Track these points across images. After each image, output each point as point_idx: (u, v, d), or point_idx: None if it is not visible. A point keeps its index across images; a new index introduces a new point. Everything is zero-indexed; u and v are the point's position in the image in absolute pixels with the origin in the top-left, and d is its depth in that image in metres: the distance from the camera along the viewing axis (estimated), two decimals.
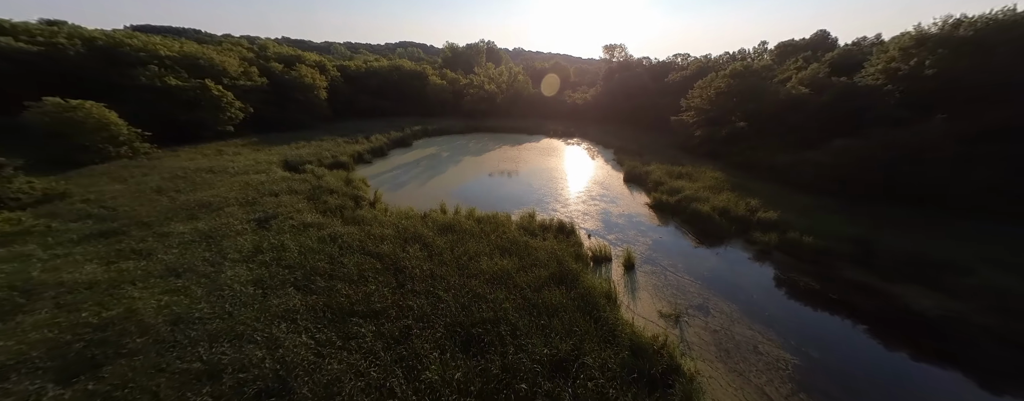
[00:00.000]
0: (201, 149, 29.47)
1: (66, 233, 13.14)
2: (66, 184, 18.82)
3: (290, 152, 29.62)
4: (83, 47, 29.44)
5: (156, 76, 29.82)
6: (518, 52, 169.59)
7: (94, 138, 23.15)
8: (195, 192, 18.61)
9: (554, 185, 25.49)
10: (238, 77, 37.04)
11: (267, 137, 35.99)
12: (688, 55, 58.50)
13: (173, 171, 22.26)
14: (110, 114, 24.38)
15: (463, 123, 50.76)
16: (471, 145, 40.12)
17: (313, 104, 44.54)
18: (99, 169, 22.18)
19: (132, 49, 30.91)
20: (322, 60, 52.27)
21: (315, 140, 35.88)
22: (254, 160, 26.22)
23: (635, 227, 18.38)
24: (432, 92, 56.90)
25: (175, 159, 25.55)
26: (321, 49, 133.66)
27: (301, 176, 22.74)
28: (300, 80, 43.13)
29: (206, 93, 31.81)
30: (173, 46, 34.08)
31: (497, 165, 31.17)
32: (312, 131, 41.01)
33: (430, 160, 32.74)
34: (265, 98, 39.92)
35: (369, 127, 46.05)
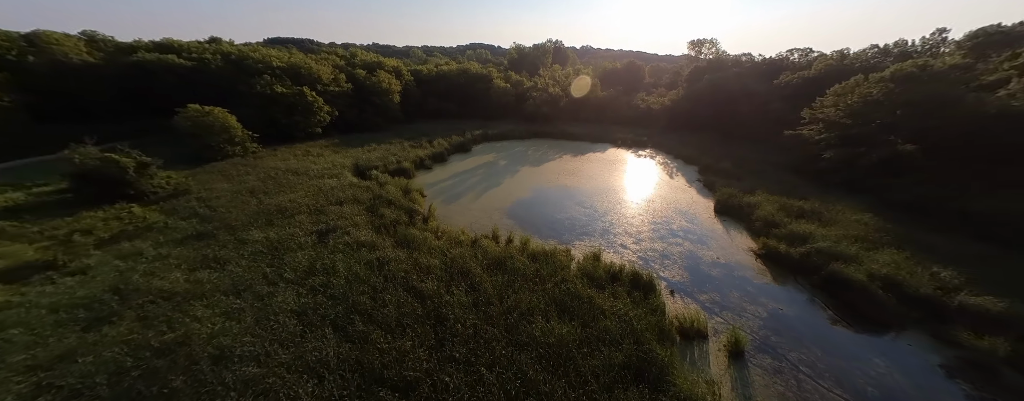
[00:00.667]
0: (294, 149, 33.54)
1: (174, 232, 15.16)
2: (191, 180, 22.62)
3: (362, 155, 31.79)
4: (221, 61, 35.78)
5: (268, 84, 34.82)
6: (586, 50, 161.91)
7: (218, 139, 27.73)
8: (278, 195, 20.54)
9: (622, 210, 22.11)
10: (329, 84, 41.43)
11: (346, 138, 39.57)
12: (809, 50, 46.53)
13: (268, 171, 25.35)
14: (230, 118, 28.94)
15: (524, 128, 49.28)
16: (530, 153, 38.38)
17: (387, 107, 47.85)
18: (218, 166, 26.42)
19: (253, 61, 36.53)
20: (399, 65, 55.96)
21: (385, 143, 38.26)
22: (331, 163, 28.58)
23: (738, 285, 13.75)
24: (495, 95, 56.67)
25: (272, 159, 29.28)
26: (402, 53, 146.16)
27: (366, 183, 23.72)
28: (378, 85, 46.58)
29: (302, 100, 36.12)
30: (283, 57, 39.49)
31: (556, 179, 28.80)
32: (384, 133, 44.05)
33: (487, 169, 31.92)
34: (349, 102, 44.07)
35: (433, 130, 47.76)
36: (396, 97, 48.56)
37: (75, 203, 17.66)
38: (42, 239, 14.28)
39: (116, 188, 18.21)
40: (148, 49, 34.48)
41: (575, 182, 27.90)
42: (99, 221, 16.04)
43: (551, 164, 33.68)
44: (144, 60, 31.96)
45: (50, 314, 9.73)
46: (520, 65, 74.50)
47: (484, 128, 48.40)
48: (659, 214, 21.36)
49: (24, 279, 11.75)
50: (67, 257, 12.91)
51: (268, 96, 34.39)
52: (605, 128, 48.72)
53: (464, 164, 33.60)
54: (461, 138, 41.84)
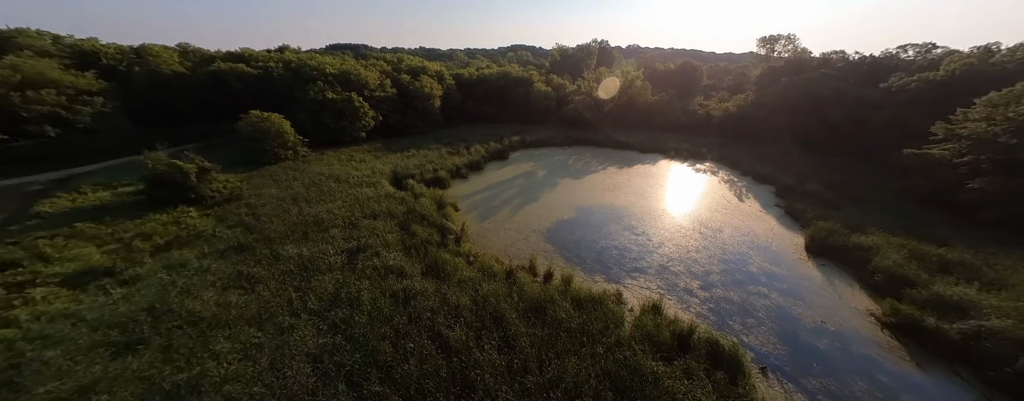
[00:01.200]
0: (339, 153, 34.73)
1: (219, 242, 15.46)
2: (245, 184, 23.88)
3: (400, 162, 31.83)
4: (283, 69, 38.33)
5: (320, 91, 36.55)
6: (633, 50, 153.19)
7: (273, 144, 29.36)
8: (317, 204, 20.66)
9: (682, 240, 18.63)
10: (375, 89, 42.66)
11: (388, 142, 40.32)
12: (931, 46, 37.05)
13: (313, 177, 26.10)
14: (285, 124, 30.52)
15: (564, 134, 46.69)
16: (571, 162, 35.80)
17: (428, 112, 48.28)
18: (271, 170, 27.86)
19: (310, 68, 38.61)
20: (441, 69, 56.42)
21: (424, 148, 38.28)
22: (371, 169, 28.80)
23: (862, 369, 10.00)
24: (535, 99, 54.69)
25: (318, 163, 30.34)
26: (446, 56, 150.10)
27: (401, 193, 23.17)
28: (421, 90, 47.09)
29: (349, 105, 37.40)
30: (336, 64, 41.37)
31: (601, 195, 26.04)
32: (424, 138, 44.36)
33: (525, 180, 30.07)
34: (393, 107, 45.10)
35: (471, 135, 47.13)
36: (437, 102, 48.85)
37: (146, 205, 19.14)
38: (110, 242, 15.33)
39: (180, 192, 19.47)
40: (223, 59, 38.13)
41: (623, 200, 24.90)
42: (160, 225, 17.03)
43: (594, 177, 30.86)
44: (219, 69, 35.27)
45: (90, 333, 9.84)
46: (562, 67, 71.68)
47: (523, 134, 46.69)
48: (730, 249, 17.66)
49: (85, 285, 12.39)
50: (125, 263, 13.54)
51: (319, 102, 36.07)
52: (655, 136, 44.28)
53: (501, 173, 32.11)
54: (498, 145, 40.57)
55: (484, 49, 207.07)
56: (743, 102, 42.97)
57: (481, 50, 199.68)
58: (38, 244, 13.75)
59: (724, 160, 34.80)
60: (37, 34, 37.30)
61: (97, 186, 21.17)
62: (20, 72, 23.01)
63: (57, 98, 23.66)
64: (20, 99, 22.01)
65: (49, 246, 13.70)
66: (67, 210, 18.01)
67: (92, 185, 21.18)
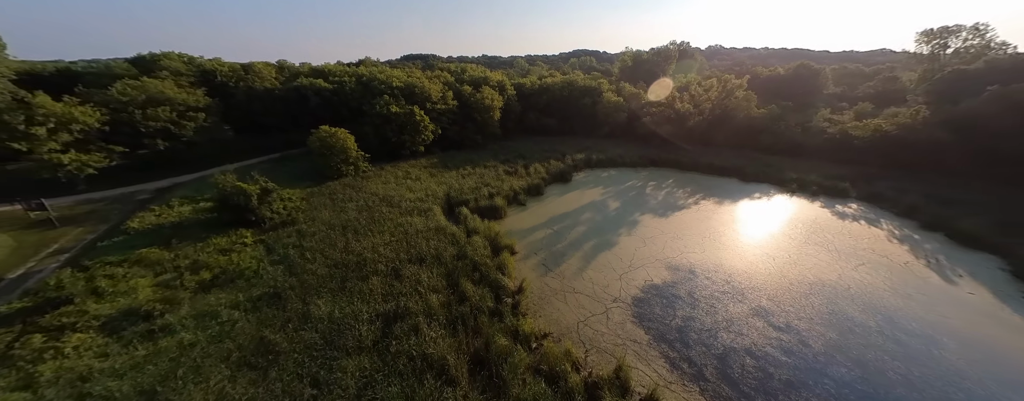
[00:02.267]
0: (397, 168, 34.00)
1: (256, 287, 14.00)
2: (305, 202, 23.61)
3: (455, 182, 29.52)
4: (355, 83, 39.58)
5: (385, 104, 36.63)
6: (715, 51, 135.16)
7: (337, 159, 29.48)
8: (365, 237, 18.77)
9: (867, 352, 11.64)
10: (437, 101, 41.85)
11: (445, 157, 38.84)
12: None
13: (367, 199, 24.96)
14: (349, 139, 30.53)
15: (638, 152, 40.17)
16: (650, 192, 29.57)
17: (487, 124, 46.09)
18: (331, 187, 27.69)
19: (379, 82, 39.16)
20: (503, 79, 54.10)
21: (480, 165, 35.79)
22: (425, 191, 26.82)
23: None
24: (603, 111, 48.83)
25: (376, 181, 29.52)
26: (507, 64, 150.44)
27: (453, 229, 20.20)
28: (481, 102, 45.10)
29: (411, 119, 36.80)
30: (402, 77, 41.55)
31: (702, 247, 19.61)
32: (481, 152, 42.04)
33: (595, 213, 25.03)
34: (452, 119, 43.88)
35: (530, 150, 43.52)
36: (497, 114, 46.45)
37: (213, 225, 19.31)
38: (167, 270, 14.99)
39: (242, 213, 19.31)
40: (307, 74, 40.99)
41: (739, 260, 18.04)
42: (215, 253, 16.56)
43: (686, 215, 24.32)
44: (301, 85, 37.71)
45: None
46: (634, 74, 64.16)
47: (588, 151, 41.45)
48: (970, 375, 10.53)
49: (120, 331, 11.51)
50: (164, 306, 12.60)
51: (383, 115, 36.09)
52: (761, 160, 35.12)
53: (564, 201, 27.57)
54: (561, 164, 36.11)
55: (545, 55, 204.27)
56: (911, 118, 31.01)
57: (542, 57, 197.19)
58: (98, 276, 13.69)
59: (882, 201, 24.91)
60: (177, 56, 44.46)
61: (184, 200, 22.52)
62: (146, 92, 26.40)
63: (169, 114, 26.59)
64: (142, 116, 25.06)
65: (108, 279, 13.54)
66: (150, 227, 18.89)
67: (180, 199, 22.62)
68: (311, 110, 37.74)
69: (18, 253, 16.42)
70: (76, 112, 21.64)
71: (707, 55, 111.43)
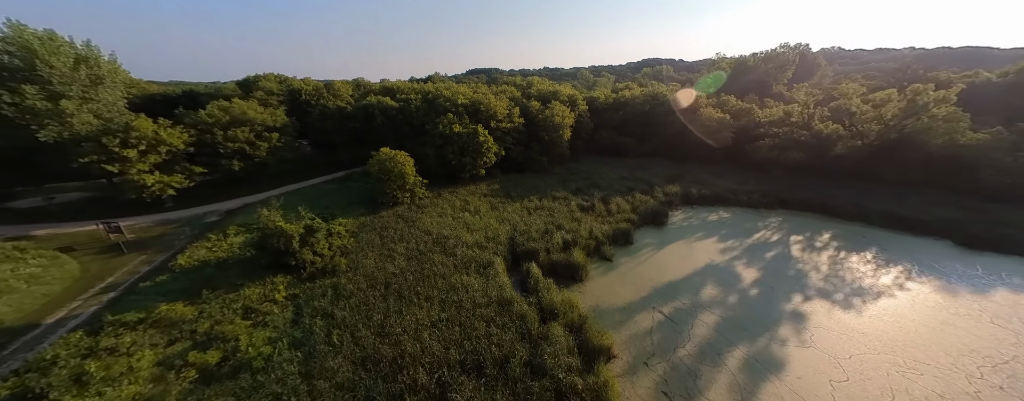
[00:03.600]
0: (455, 195, 30.22)
1: (260, 389, 9.95)
2: (352, 240, 20.62)
3: (520, 220, 24.28)
4: (420, 100, 37.76)
5: (448, 124, 33.68)
6: (834, 54, 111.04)
7: (393, 185, 26.75)
8: (409, 309, 14.30)
9: None
10: (502, 119, 37.83)
11: (507, 183, 34.09)
12: None
13: (418, 239, 21.05)
14: (408, 164, 27.63)
15: (755, 187, 30.37)
16: (799, 253, 20.30)
17: (555, 144, 40.46)
18: (383, 218, 24.61)
19: (444, 99, 36.64)
20: (574, 93, 48.22)
21: (548, 195, 30.14)
22: (483, 232, 21.99)
23: None
24: (702, 130, 39.44)
25: (431, 212, 25.81)
26: (570, 76, 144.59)
27: (523, 305, 14.62)
28: (550, 120, 39.73)
29: (474, 140, 33.15)
30: (468, 93, 38.59)
31: (959, 382, 10.89)
32: (547, 178, 36.45)
33: (720, 286, 17.09)
34: (517, 138, 39.32)
35: (605, 176, 36.45)
36: (567, 133, 40.67)
37: (253, 267, 16.94)
38: (182, 336, 12.23)
39: (281, 257, 16.62)
40: (377, 92, 40.83)
41: None
42: (240, 312, 13.62)
43: (894, 308, 14.74)
44: (369, 103, 37.18)
45: None
46: (738, 85, 52.68)
47: (682, 181, 32.91)
48: None
49: None
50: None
51: (446, 136, 33.09)
52: (987, 211, 22.62)
53: (665, 258, 20.05)
54: (649, 199, 28.50)
55: (611, 66, 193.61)
56: None
57: (607, 67, 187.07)
58: (101, 347, 11.27)
59: None
60: (274, 77, 48.67)
61: (240, 228, 21.27)
62: (230, 114, 27.20)
63: (248, 135, 26.90)
64: (222, 137, 25.53)
65: (107, 356, 10.98)
66: (196, 264, 17.27)
67: (237, 227, 21.46)
68: (376, 128, 36.67)
69: (76, 286, 15.69)
70: (164, 134, 22.23)
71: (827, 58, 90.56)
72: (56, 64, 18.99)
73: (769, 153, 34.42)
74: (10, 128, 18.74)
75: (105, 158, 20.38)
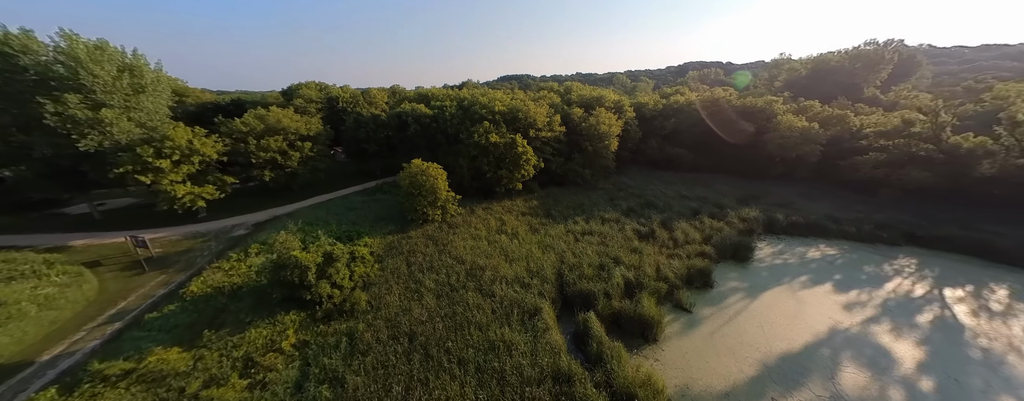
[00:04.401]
0: (490, 211, 27.12)
1: None
2: (375, 268, 18.09)
3: (567, 248, 20.48)
4: (455, 107, 35.51)
5: (484, 133, 30.94)
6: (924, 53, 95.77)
7: (424, 201, 24.25)
8: (437, 377, 11.08)
9: None
10: (542, 128, 34.45)
11: (546, 198, 30.45)
12: None
13: (449, 269, 17.98)
14: (441, 177, 25.00)
15: (860, 214, 24.12)
16: (969, 319, 14.48)
17: (599, 156, 36.23)
18: (412, 239, 21.92)
19: (479, 107, 34.04)
20: (620, 99, 43.69)
21: (595, 216, 26.03)
22: (526, 263, 18.41)
23: None
24: (779, 140, 33.21)
25: (464, 233, 22.79)
26: (604, 81, 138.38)
27: (586, 385, 10.80)
28: (595, 129, 35.65)
29: (511, 151, 30.03)
30: (505, 100, 35.72)
31: None
32: (592, 194, 31.99)
33: (853, 358, 12.20)
34: (557, 148, 35.71)
35: (661, 195, 31.43)
36: (614, 143, 36.34)
37: (265, 300, 14.78)
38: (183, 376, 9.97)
39: (296, 290, 14.28)
40: (411, 99, 39.40)
41: None
42: (239, 365, 11.22)
43: None
44: (402, 111, 35.63)
45: None
46: (823, 88, 45.10)
47: (758, 202, 27.31)
48: None
49: None
50: None
51: (481, 146, 30.30)
52: None
53: (761, 309, 15.17)
54: (722, 224, 23.38)
55: (648, 70, 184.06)
56: None
57: (645, 71, 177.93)
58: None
59: None
60: (315, 85, 49.42)
61: (262, 247, 19.63)
62: (265, 122, 26.52)
63: (280, 144, 25.97)
64: (255, 146, 24.71)
65: None
66: (209, 291, 15.50)
67: (260, 244, 19.87)
68: (409, 137, 34.86)
69: (87, 311, 14.42)
70: (198, 144, 21.52)
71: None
72: (99, 73, 18.69)
73: (875, 171, 27.66)
74: (57, 137, 18.53)
75: (140, 168, 19.73)
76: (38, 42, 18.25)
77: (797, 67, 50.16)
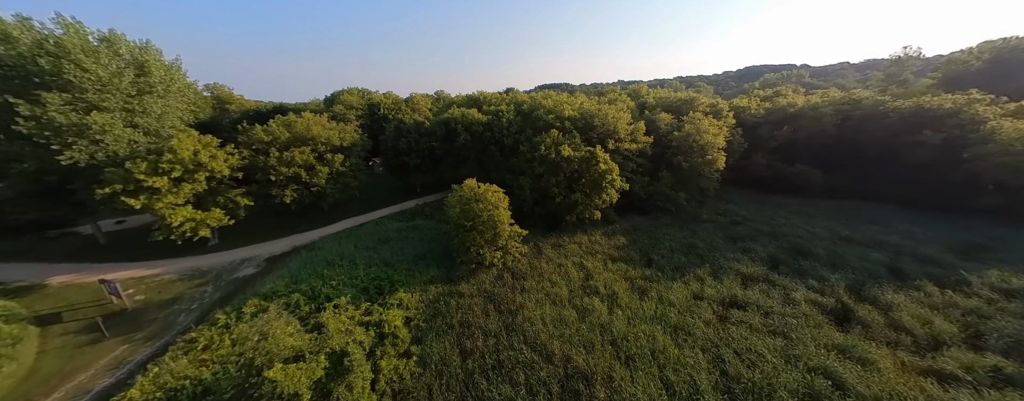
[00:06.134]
0: (564, 253, 19.62)
1: None
2: (414, 362, 11.30)
3: (717, 339, 12.31)
4: (513, 112, 29.04)
5: (553, 144, 23.96)
6: None
7: (478, 239, 17.55)
8: None
9: None
10: (623, 138, 26.65)
11: (636, 234, 22.05)
12: None
13: (527, 365, 10.78)
14: (502, 207, 18.29)
15: None
16: None
17: (699, 175, 27.37)
18: (463, 302, 14.85)
19: (544, 112, 27.15)
20: (716, 102, 34.53)
21: (728, 269, 16.92)
22: (658, 368, 10.74)
23: None
24: (1000, 158, 21.95)
25: (537, 292, 15.45)
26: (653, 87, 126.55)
27: None
28: (693, 139, 27.11)
29: (590, 168, 22.65)
30: (574, 103, 28.58)
31: None
32: (697, 228, 22.08)
33: None
34: (637, 166, 27.67)
35: (801, 230, 21.53)
36: (721, 158, 27.31)
37: None
38: None
39: None
40: (460, 104, 33.89)
41: None
42: None
43: None
44: (451, 117, 29.98)
45: None
46: (1008, 83, 32.29)
47: (984, 251, 16.88)
48: None
49: None
50: None
51: (550, 162, 23.34)
52: None
53: None
54: (955, 295, 13.71)
55: (702, 75, 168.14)
56: None
57: (698, 77, 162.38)
58: None
59: None
60: (358, 92, 46.33)
61: (266, 302, 13.97)
62: (292, 130, 21.89)
63: (307, 157, 21.06)
64: (276, 160, 19.93)
65: None
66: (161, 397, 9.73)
67: (261, 299, 14.25)
68: (456, 148, 28.88)
69: None
70: (205, 156, 16.98)
71: None
72: (90, 67, 14.64)
73: None
74: (40, 147, 14.59)
75: (131, 188, 15.25)
76: (22, 29, 14.59)
77: (964, 58, 37.14)
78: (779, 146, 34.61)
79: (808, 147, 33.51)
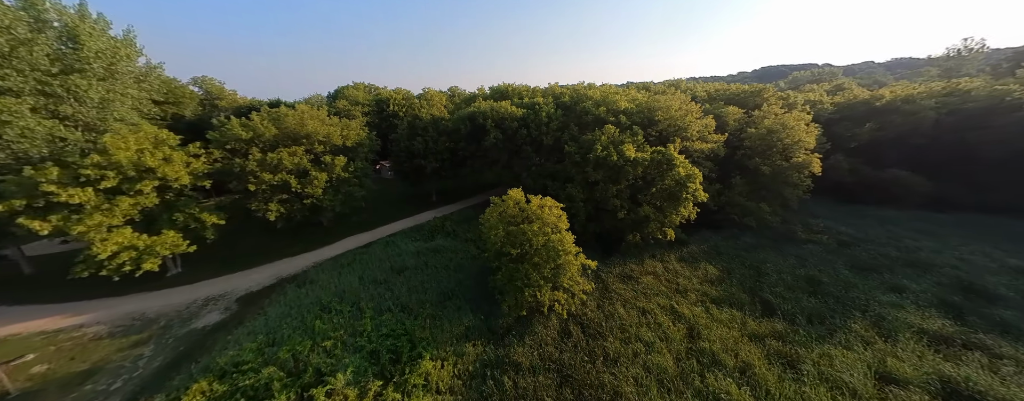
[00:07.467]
0: (639, 289, 14.55)
1: None
2: None
3: None
4: (553, 105, 23.96)
5: (611, 142, 18.83)
6: None
7: (535, 277, 12.44)
8: None
9: None
10: (692, 137, 21.44)
11: (725, 260, 16.54)
12: None
13: None
14: (562, 229, 13.21)
15: None
16: None
17: (784, 181, 22.01)
18: (517, 380, 10.21)
19: (593, 105, 22.02)
20: (790, 95, 29.14)
21: (892, 322, 11.07)
22: None
23: None
24: None
25: (621, 356, 10.54)
26: None
27: None
28: (775, 138, 21.77)
29: (664, 173, 17.50)
30: (629, 95, 23.46)
31: None
32: (802, 252, 16.70)
33: None
34: (709, 169, 22.40)
35: (960, 265, 15.40)
36: (814, 161, 21.86)
37: None
38: None
39: None
40: (486, 97, 28.95)
41: None
42: None
43: None
44: (478, 111, 25.07)
45: None
46: None
47: None
48: None
49: None
50: None
51: (610, 165, 18.22)
52: None
53: None
54: None
55: (715, 76, 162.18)
56: None
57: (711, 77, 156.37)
58: None
59: None
60: (364, 87, 41.72)
61: (217, 382, 9.01)
62: (279, 125, 16.98)
63: (300, 159, 16.18)
64: (256, 164, 15.03)
65: None
66: None
67: (212, 378, 9.31)
68: (485, 150, 23.83)
69: None
70: (150, 160, 12.19)
71: None
72: None
73: None
74: None
75: (40, 205, 10.44)
76: None
77: None
78: (859, 147, 29.04)
79: (896, 148, 27.91)
